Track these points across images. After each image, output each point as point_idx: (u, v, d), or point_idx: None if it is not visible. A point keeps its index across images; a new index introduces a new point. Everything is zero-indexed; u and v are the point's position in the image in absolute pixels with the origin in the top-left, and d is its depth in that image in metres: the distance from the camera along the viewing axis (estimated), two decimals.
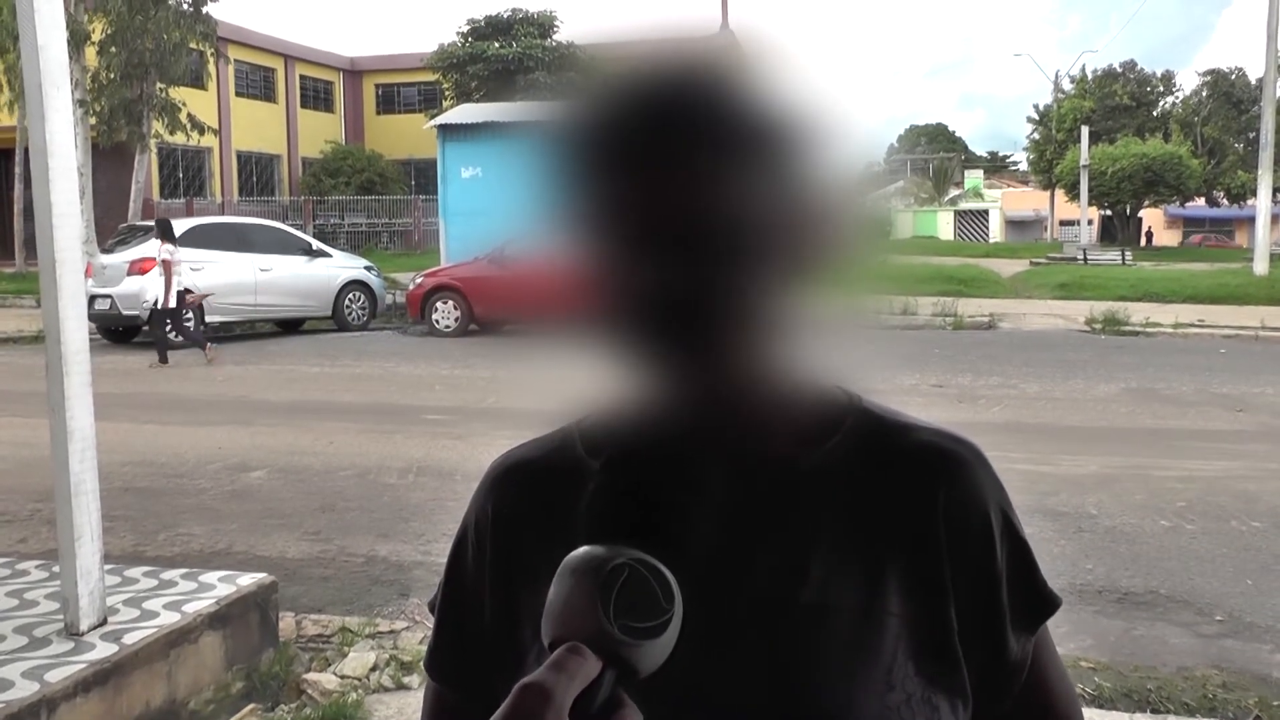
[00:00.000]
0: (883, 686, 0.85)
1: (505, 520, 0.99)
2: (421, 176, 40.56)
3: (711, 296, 0.81)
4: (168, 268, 14.81)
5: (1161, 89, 57.73)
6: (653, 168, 0.80)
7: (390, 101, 47.82)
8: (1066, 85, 56.63)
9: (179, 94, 26.65)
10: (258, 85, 43.49)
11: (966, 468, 0.92)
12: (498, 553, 0.99)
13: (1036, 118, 57.91)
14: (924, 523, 0.90)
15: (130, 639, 3.83)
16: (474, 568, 1.00)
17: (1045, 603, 0.96)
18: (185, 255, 17.25)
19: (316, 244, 20.13)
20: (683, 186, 0.80)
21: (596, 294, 0.84)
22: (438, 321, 18.04)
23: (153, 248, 17.12)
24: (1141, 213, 52.15)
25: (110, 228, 21.64)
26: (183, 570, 4.69)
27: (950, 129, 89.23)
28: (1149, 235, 58.01)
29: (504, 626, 0.97)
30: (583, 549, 0.77)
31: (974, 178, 68.33)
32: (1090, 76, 56.50)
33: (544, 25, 40.12)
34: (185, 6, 25.92)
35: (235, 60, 37.91)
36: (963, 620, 0.89)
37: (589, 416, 1.01)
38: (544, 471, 0.99)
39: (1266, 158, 27.17)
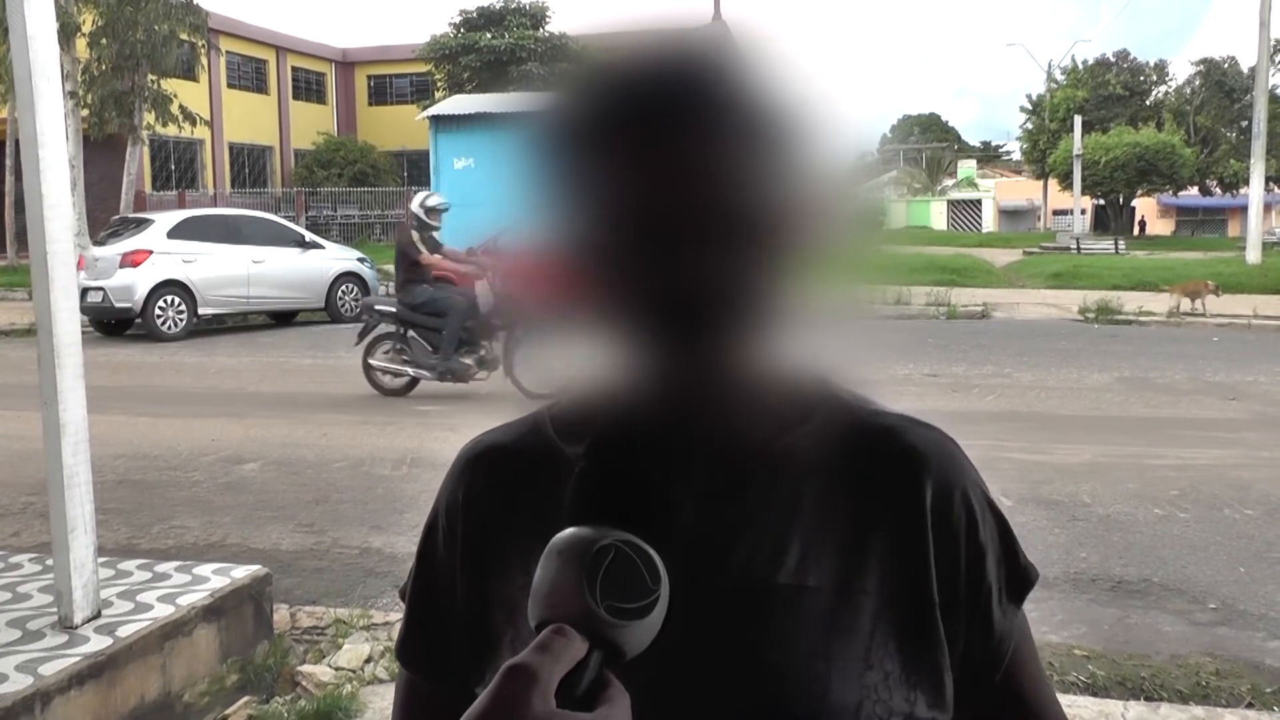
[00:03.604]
0: (861, 665, 0.86)
1: (476, 505, 0.99)
2: (414, 168, 40.54)
3: (699, 283, 0.81)
4: None
5: (1154, 78, 57.78)
6: (640, 154, 0.80)
7: (382, 93, 47.73)
8: (1059, 75, 56.64)
9: (170, 85, 26.57)
10: (249, 77, 43.38)
11: (945, 450, 0.94)
12: (469, 538, 0.99)
13: (1030, 107, 57.95)
14: (907, 505, 0.90)
15: (124, 632, 3.83)
16: (445, 554, 1.00)
17: (1026, 575, 0.97)
18: (178, 247, 17.27)
19: (309, 236, 20.08)
20: (670, 173, 0.80)
21: (586, 281, 0.84)
22: None
23: (146, 240, 17.13)
24: (1134, 202, 52.21)
25: (102, 220, 21.60)
26: (176, 563, 4.69)
27: (943, 119, 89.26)
28: (1142, 224, 58.04)
29: (475, 612, 0.97)
30: (569, 530, 0.76)
31: (967, 167, 68.28)
32: (1083, 66, 56.53)
33: (536, 16, 40.07)
34: None
35: (226, 52, 37.78)
36: (947, 598, 0.90)
37: (559, 401, 1.01)
38: (515, 456, 0.99)
39: (1259, 147, 27.22)
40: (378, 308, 11.50)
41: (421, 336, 11.07)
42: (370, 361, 11.26)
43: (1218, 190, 56.17)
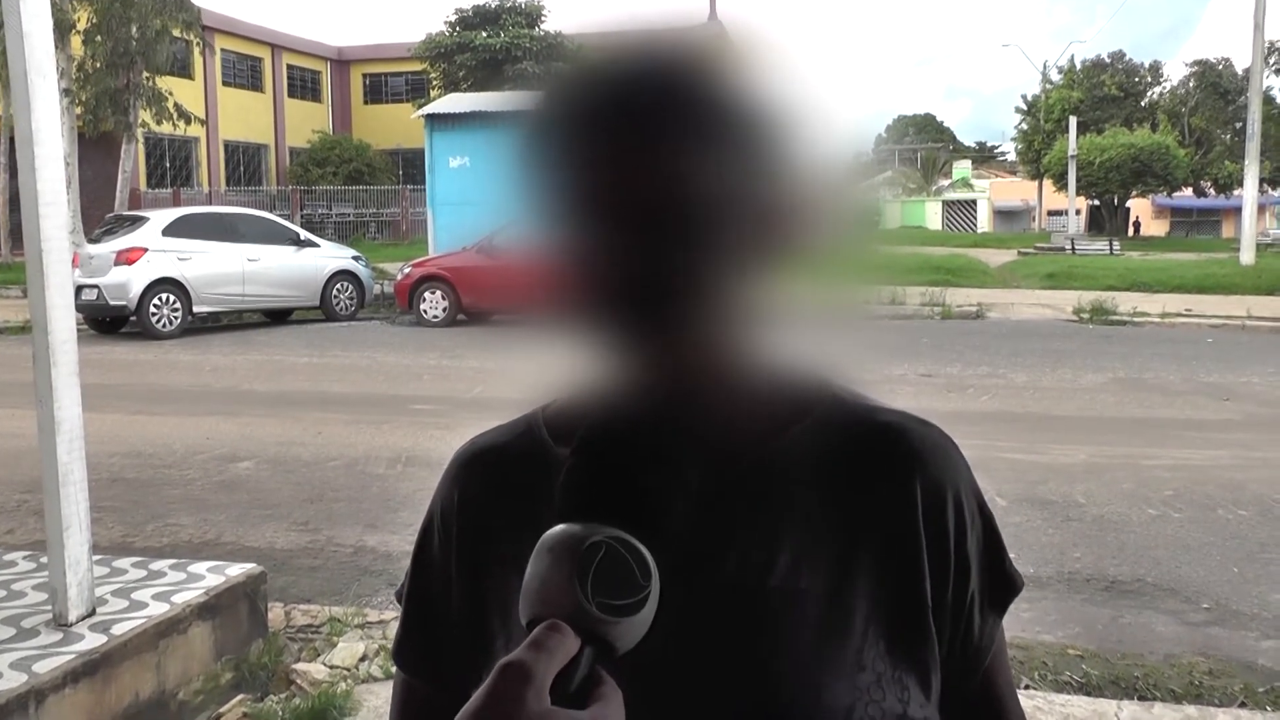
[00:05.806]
0: (853, 667, 0.86)
1: (471, 507, 0.99)
2: (409, 166, 40.52)
3: (680, 279, 0.81)
4: None
5: (1149, 79, 57.84)
6: (620, 150, 0.80)
7: (378, 91, 47.70)
8: (1055, 76, 56.70)
9: (165, 83, 26.53)
10: (245, 75, 43.32)
11: (940, 450, 0.93)
12: (464, 539, 0.99)
13: (1024, 108, 58.01)
14: (899, 505, 0.90)
15: (119, 629, 3.82)
16: (441, 555, 1.01)
17: (1012, 583, 0.97)
18: (173, 245, 17.25)
19: (304, 234, 20.07)
20: (650, 169, 0.80)
21: (572, 278, 0.84)
22: (426, 311, 18.01)
23: (141, 238, 17.10)
24: (1129, 203, 52.28)
25: (97, 218, 21.54)
26: (171, 561, 4.69)
27: (938, 119, 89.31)
28: (1136, 225, 58.12)
29: (471, 613, 0.97)
30: (560, 527, 0.76)
31: (962, 168, 68.33)
32: (1078, 67, 56.57)
33: (531, 15, 40.04)
34: None
35: (222, 49, 37.76)
36: (936, 599, 0.90)
37: (553, 402, 1.01)
38: (508, 457, 0.99)
39: (1253, 148, 27.25)
40: None
41: None
42: None
43: (1212, 191, 56.25)
